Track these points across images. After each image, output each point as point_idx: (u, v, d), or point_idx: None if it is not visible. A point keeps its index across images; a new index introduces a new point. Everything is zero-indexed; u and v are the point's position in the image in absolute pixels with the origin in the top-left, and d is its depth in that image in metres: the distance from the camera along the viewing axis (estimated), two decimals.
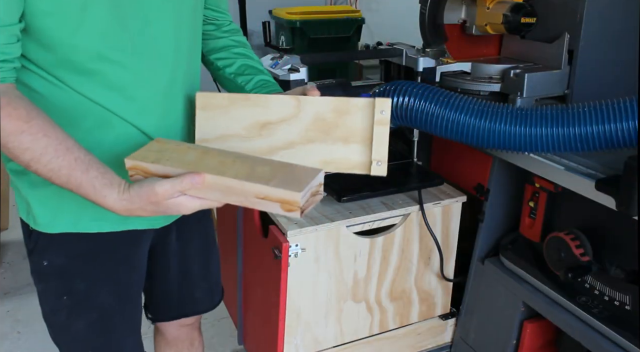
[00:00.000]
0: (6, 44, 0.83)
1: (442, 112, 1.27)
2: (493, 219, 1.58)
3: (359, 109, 0.93)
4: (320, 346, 1.57)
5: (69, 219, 1.03)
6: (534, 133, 1.20)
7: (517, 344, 1.52)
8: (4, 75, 0.84)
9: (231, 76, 1.20)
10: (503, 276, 1.52)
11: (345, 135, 0.94)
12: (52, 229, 1.03)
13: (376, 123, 0.92)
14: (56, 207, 1.02)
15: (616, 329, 1.23)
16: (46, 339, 1.19)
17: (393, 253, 1.55)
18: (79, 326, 1.12)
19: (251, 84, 1.17)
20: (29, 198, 1.02)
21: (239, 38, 1.26)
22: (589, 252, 1.27)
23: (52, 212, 1.02)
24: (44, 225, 1.03)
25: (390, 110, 0.92)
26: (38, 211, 1.02)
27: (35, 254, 1.07)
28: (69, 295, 1.09)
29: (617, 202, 1.08)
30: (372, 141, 0.93)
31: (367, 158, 0.95)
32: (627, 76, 1.47)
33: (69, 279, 1.08)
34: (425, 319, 1.70)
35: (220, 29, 1.24)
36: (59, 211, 1.02)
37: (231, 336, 2.11)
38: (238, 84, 1.19)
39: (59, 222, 1.03)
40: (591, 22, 1.42)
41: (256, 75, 1.19)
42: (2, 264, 2.71)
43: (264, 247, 1.49)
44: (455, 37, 1.69)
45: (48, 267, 1.07)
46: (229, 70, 1.20)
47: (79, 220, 1.03)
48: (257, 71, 1.20)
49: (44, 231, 1.04)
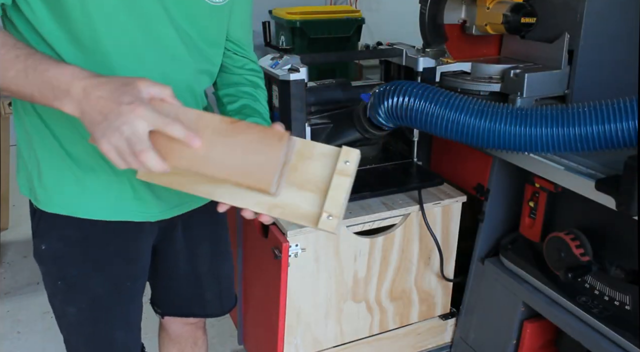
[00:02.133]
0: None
1: (442, 112, 1.27)
2: (493, 219, 1.58)
3: (323, 155, 0.84)
4: (320, 346, 1.57)
5: (65, 199, 1.04)
6: (534, 133, 1.20)
7: (517, 344, 1.52)
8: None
9: (230, 114, 1.16)
10: (503, 276, 1.52)
11: (301, 181, 0.85)
12: (50, 208, 1.05)
13: (337, 173, 0.82)
14: (55, 183, 1.03)
15: (616, 329, 1.23)
16: (46, 339, 1.20)
17: (393, 253, 1.55)
18: (71, 311, 1.14)
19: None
20: (32, 170, 1.04)
21: (253, 78, 1.22)
22: (589, 252, 1.27)
23: (51, 188, 1.03)
24: (43, 202, 1.05)
25: (356, 162, 0.83)
26: (38, 186, 1.04)
27: (37, 236, 1.09)
28: (62, 280, 1.11)
29: (617, 202, 1.08)
30: (327, 192, 0.83)
31: (318, 209, 0.84)
32: (627, 76, 1.47)
33: (63, 264, 1.10)
34: (425, 319, 1.70)
35: (236, 65, 1.21)
36: (57, 189, 1.03)
37: (231, 336, 2.11)
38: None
39: (56, 201, 1.04)
40: (591, 22, 1.42)
41: (252, 117, 1.13)
42: (2, 264, 2.71)
43: (264, 247, 1.49)
44: (455, 37, 1.69)
45: (46, 251, 1.09)
46: (230, 107, 1.16)
47: (74, 203, 1.04)
48: (254, 112, 1.15)
49: (44, 209, 1.05)
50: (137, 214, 1.10)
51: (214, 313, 1.38)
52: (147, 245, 1.18)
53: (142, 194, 1.08)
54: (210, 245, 1.29)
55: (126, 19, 0.93)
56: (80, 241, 1.09)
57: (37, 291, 2.45)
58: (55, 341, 2.12)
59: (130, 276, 1.17)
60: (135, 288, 1.19)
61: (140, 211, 1.10)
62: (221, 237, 1.32)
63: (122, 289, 1.16)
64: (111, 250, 1.12)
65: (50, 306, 1.16)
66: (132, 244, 1.14)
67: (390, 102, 1.30)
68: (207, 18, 1.05)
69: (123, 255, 1.14)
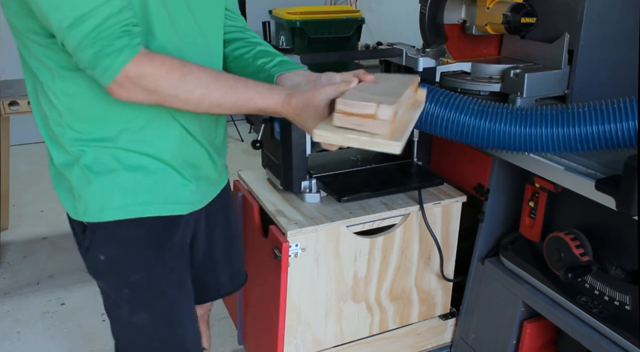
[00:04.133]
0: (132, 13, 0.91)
1: (442, 112, 1.27)
2: (493, 219, 1.58)
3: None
4: (320, 346, 1.57)
5: (117, 203, 1.04)
6: (534, 133, 1.20)
7: (517, 344, 1.52)
8: (142, 41, 0.91)
9: (250, 60, 1.22)
10: (503, 276, 1.52)
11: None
12: (103, 217, 1.04)
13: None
14: (105, 193, 1.03)
15: (616, 329, 1.23)
16: (46, 339, 1.19)
17: (393, 253, 1.55)
18: (142, 317, 1.12)
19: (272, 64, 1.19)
20: (79, 187, 1.04)
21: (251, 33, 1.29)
22: (589, 252, 1.27)
23: (102, 199, 1.03)
24: (95, 213, 1.04)
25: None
26: (90, 199, 1.04)
27: (92, 250, 1.08)
28: (129, 287, 1.09)
29: (617, 202, 1.08)
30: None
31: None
32: (627, 76, 1.47)
33: (127, 270, 1.09)
34: (425, 319, 1.70)
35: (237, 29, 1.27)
36: (108, 197, 1.04)
37: (231, 336, 2.11)
38: (258, 66, 1.20)
39: (108, 208, 1.04)
40: (591, 22, 1.42)
41: (275, 57, 1.21)
42: (2, 264, 2.71)
43: (264, 247, 1.49)
44: (455, 37, 1.69)
45: (106, 261, 1.08)
46: (247, 55, 1.22)
47: (127, 205, 1.05)
48: (274, 54, 1.23)
49: (97, 220, 1.05)
50: (189, 205, 1.12)
51: (227, 292, 1.40)
52: (189, 236, 1.19)
53: (190, 184, 1.10)
54: (223, 229, 1.31)
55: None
56: (137, 241, 1.08)
57: (37, 291, 2.45)
58: (55, 341, 2.12)
59: (186, 269, 1.17)
60: (189, 283, 1.20)
61: (191, 202, 1.12)
62: (230, 222, 1.35)
63: (184, 284, 1.17)
64: (170, 245, 1.12)
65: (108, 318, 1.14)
66: (182, 237, 1.15)
67: None
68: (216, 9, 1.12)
69: (179, 249, 1.15)
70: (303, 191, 1.53)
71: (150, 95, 0.92)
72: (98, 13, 0.86)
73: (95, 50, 0.87)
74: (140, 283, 1.10)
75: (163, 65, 0.90)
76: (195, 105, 0.94)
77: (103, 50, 0.87)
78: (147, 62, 0.89)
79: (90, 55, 0.87)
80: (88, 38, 0.86)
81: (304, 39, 3.78)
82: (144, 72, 0.89)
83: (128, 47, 0.88)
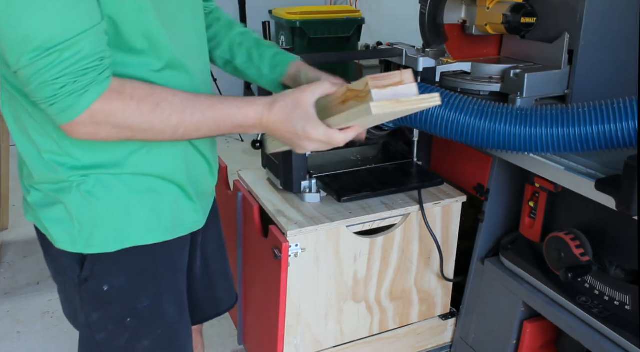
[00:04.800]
0: (103, 41, 0.82)
1: (442, 112, 1.27)
2: (493, 219, 1.58)
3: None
4: (320, 346, 1.57)
5: (125, 233, 0.98)
6: (534, 133, 1.20)
7: (517, 344, 1.52)
8: (111, 72, 0.83)
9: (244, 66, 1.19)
10: (503, 276, 1.52)
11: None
12: (109, 248, 0.97)
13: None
14: (112, 222, 0.96)
15: (616, 329, 1.23)
16: (46, 339, 1.18)
17: (393, 253, 1.55)
18: (144, 344, 1.06)
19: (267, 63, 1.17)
20: (80, 215, 0.94)
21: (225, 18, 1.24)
22: (589, 252, 1.27)
23: (108, 229, 0.96)
24: (100, 245, 0.97)
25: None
26: (94, 228, 0.95)
27: (91, 281, 0.99)
28: (132, 316, 1.03)
29: (617, 202, 1.08)
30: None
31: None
32: (627, 76, 1.47)
33: (132, 298, 1.02)
34: (425, 319, 1.70)
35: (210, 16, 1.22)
36: (115, 226, 0.96)
37: (231, 336, 2.11)
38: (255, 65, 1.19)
39: (115, 238, 0.97)
40: (591, 22, 1.42)
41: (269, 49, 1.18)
42: (2, 264, 2.71)
43: (264, 247, 1.49)
44: (455, 37, 1.69)
45: (109, 292, 1.00)
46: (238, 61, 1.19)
47: (135, 233, 0.98)
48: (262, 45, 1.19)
49: (101, 251, 0.97)
50: (193, 225, 1.08)
51: (226, 309, 1.35)
52: (187, 255, 1.15)
53: (195, 204, 1.06)
54: (215, 242, 1.28)
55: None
56: (145, 268, 1.02)
57: (37, 291, 2.45)
58: (55, 341, 2.12)
59: (185, 291, 1.13)
60: (186, 303, 1.15)
61: (195, 221, 1.08)
62: (220, 233, 1.31)
63: (184, 306, 1.12)
64: (175, 267, 1.07)
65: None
66: (184, 258, 1.11)
67: None
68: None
69: (182, 271, 1.10)
70: (303, 191, 1.53)
71: (120, 131, 0.84)
72: (64, 48, 0.76)
73: (56, 87, 0.77)
74: (147, 310, 1.03)
75: (133, 97, 0.83)
76: (172, 134, 0.87)
77: (66, 87, 0.78)
78: (116, 97, 0.82)
79: (50, 92, 0.78)
80: (48, 73, 0.77)
81: (304, 39, 3.78)
82: (113, 109, 0.81)
83: (95, 84, 0.79)
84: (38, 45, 0.76)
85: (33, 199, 0.98)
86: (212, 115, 0.88)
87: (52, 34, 0.76)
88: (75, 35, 0.77)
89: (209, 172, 1.11)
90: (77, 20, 0.78)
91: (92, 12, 0.80)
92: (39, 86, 0.78)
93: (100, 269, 0.99)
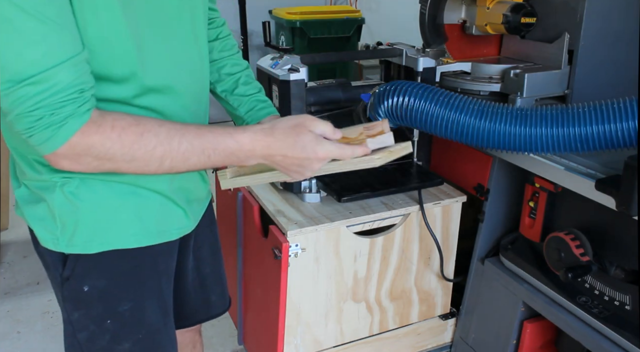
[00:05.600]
0: (83, 72, 0.80)
1: (442, 112, 1.27)
2: (493, 219, 1.58)
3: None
4: (320, 346, 1.57)
5: (108, 234, 0.97)
6: (534, 133, 1.20)
7: (517, 344, 1.52)
8: (92, 104, 0.81)
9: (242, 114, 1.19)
10: (503, 276, 1.52)
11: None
12: (90, 249, 0.96)
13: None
14: (94, 223, 0.95)
15: (616, 329, 1.23)
16: (46, 339, 1.18)
17: (393, 253, 1.55)
18: (125, 347, 1.05)
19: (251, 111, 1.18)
20: (63, 215, 0.94)
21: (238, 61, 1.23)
22: (589, 252, 1.27)
23: (90, 229, 0.95)
24: (81, 245, 0.96)
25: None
26: (76, 228, 0.95)
27: (72, 280, 0.99)
28: (113, 318, 1.02)
29: (617, 202, 1.08)
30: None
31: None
32: (627, 76, 1.47)
33: (113, 301, 1.01)
34: (425, 319, 1.70)
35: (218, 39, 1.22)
36: (97, 228, 0.96)
37: (231, 336, 2.11)
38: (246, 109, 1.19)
39: (97, 240, 0.96)
40: (591, 22, 1.42)
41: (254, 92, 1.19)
42: (2, 264, 2.71)
43: (264, 247, 1.49)
44: (455, 37, 1.69)
45: (89, 293, 0.99)
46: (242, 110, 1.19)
47: (118, 236, 0.98)
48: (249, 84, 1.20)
49: (82, 252, 0.97)
50: (181, 230, 1.07)
51: (218, 313, 1.35)
52: (176, 259, 1.14)
53: (182, 210, 1.05)
54: (210, 246, 1.28)
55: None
56: (128, 272, 1.01)
57: (37, 291, 2.45)
58: (55, 341, 2.12)
59: (171, 295, 1.13)
60: (172, 307, 1.15)
61: (183, 226, 1.07)
62: (215, 237, 1.31)
63: (168, 311, 1.12)
64: (159, 272, 1.07)
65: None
66: (171, 263, 1.10)
67: (390, 102, 1.30)
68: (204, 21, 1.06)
69: (168, 274, 1.10)
70: (303, 191, 1.53)
71: (102, 163, 0.82)
72: (38, 81, 0.74)
73: (33, 119, 0.75)
74: (128, 313, 1.03)
75: (114, 128, 0.80)
76: (158, 166, 0.84)
77: (42, 119, 0.75)
78: (95, 130, 0.79)
79: (27, 123, 0.76)
80: (24, 105, 0.75)
81: (304, 39, 3.78)
82: (92, 142, 0.79)
83: (73, 117, 0.77)
84: (10, 77, 0.74)
85: (20, 194, 0.99)
86: (201, 144, 0.84)
87: (24, 65, 0.74)
88: (51, 67, 0.75)
89: (200, 180, 1.11)
90: (53, 52, 0.75)
91: (70, 42, 0.78)
92: (16, 117, 0.76)
93: (81, 270, 0.98)
